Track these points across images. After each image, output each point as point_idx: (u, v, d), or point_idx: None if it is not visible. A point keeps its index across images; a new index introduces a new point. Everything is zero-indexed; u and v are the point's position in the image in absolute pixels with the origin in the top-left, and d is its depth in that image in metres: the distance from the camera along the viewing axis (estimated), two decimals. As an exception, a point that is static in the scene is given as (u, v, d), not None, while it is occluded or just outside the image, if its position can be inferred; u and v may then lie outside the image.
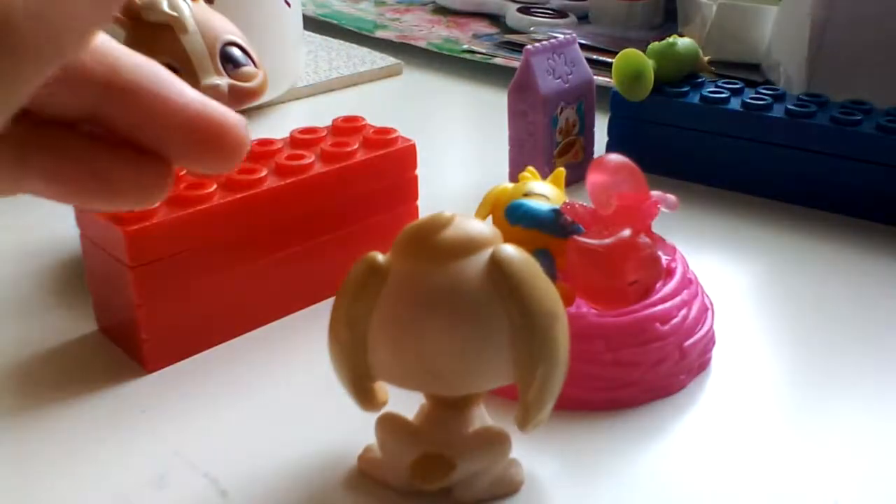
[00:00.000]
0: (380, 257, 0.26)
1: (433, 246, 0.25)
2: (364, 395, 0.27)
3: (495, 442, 0.28)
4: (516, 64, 0.52)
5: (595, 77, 0.51)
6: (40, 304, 0.40)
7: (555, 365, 0.25)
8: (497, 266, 0.25)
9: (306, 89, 0.67)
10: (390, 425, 0.28)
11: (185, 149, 0.19)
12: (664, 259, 0.35)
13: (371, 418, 0.29)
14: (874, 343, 0.37)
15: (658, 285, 0.34)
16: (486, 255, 0.25)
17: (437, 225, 0.25)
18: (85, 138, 0.19)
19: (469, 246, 0.25)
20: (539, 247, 0.33)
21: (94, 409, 0.33)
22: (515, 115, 0.49)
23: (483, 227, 0.26)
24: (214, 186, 0.36)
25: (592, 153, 0.52)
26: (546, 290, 0.25)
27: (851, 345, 0.36)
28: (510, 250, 0.25)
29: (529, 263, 0.25)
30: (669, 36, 0.52)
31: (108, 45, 0.18)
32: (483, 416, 0.29)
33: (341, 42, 0.78)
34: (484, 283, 0.25)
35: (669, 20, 0.77)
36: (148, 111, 0.18)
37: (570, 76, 0.49)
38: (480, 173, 0.55)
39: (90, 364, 0.36)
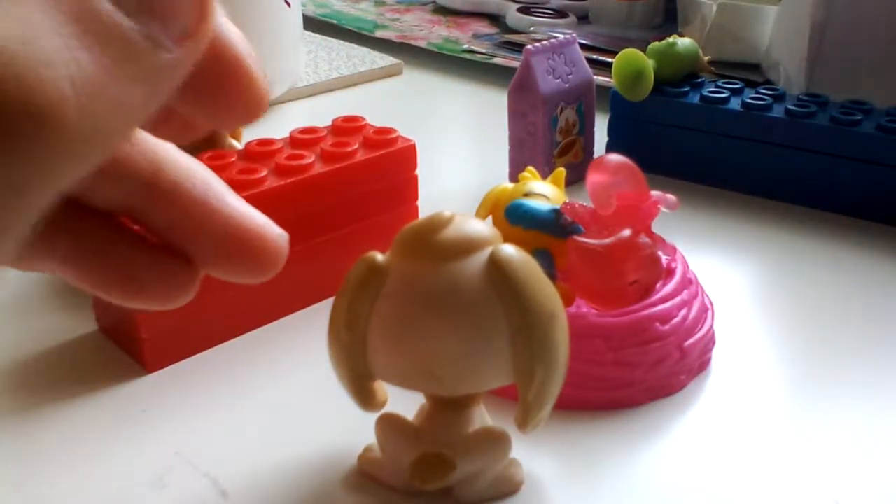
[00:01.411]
0: (379, 257, 0.26)
1: (432, 246, 0.25)
2: (364, 395, 0.27)
3: (495, 442, 0.28)
4: (516, 64, 0.52)
5: (595, 77, 0.51)
6: (40, 304, 0.40)
7: (554, 365, 0.25)
8: (496, 266, 0.25)
9: (306, 89, 0.67)
10: (390, 425, 0.28)
11: (218, 258, 0.18)
12: (664, 259, 0.35)
13: (371, 418, 0.29)
14: (874, 343, 0.37)
15: (658, 285, 0.34)
16: (485, 254, 0.25)
17: (436, 225, 0.25)
18: (116, 231, 0.18)
19: (468, 246, 0.25)
20: (539, 247, 0.33)
21: (94, 409, 0.33)
22: (515, 115, 0.49)
23: (482, 227, 0.26)
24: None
25: (592, 153, 0.52)
26: (545, 290, 0.25)
27: (851, 344, 0.36)
28: (509, 250, 0.25)
29: (528, 263, 0.25)
30: (669, 36, 0.52)
31: (153, 141, 0.18)
32: (483, 416, 0.29)
33: (341, 42, 0.78)
34: (483, 283, 0.25)
35: (669, 20, 0.77)
36: (185, 214, 0.18)
37: (570, 76, 0.49)
38: (480, 173, 0.55)
39: (90, 364, 0.36)
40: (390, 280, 0.25)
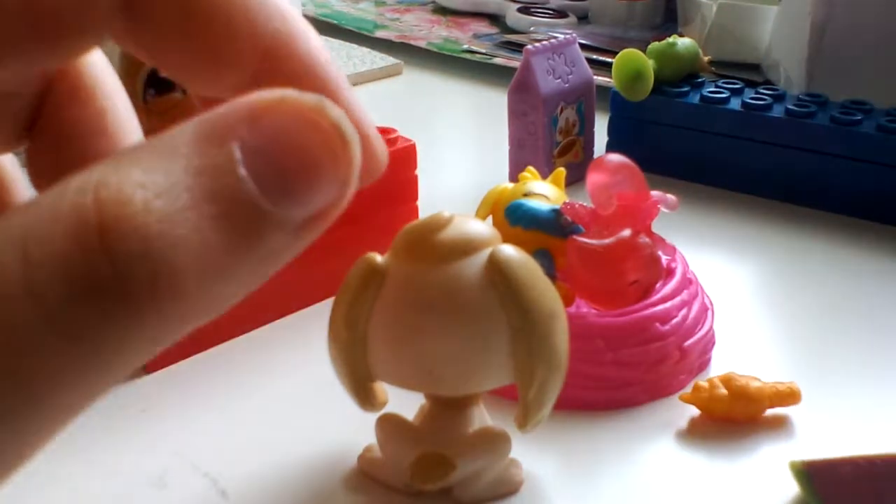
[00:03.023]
0: (378, 258, 0.26)
1: (431, 246, 0.25)
2: (364, 395, 0.27)
3: (495, 442, 0.28)
4: (516, 64, 0.52)
5: (595, 77, 0.51)
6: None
7: (554, 365, 0.25)
8: (495, 267, 0.25)
9: (306, 89, 0.67)
10: (390, 425, 0.28)
11: None
12: (664, 259, 0.35)
13: (371, 418, 0.29)
14: (874, 342, 0.37)
15: (658, 285, 0.34)
16: (484, 255, 0.25)
17: (435, 225, 0.25)
18: None
19: (468, 246, 0.25)
20: (539, 247, 0.33)
21: (94, 408, 0.33)
22: (515, 115, 0.49)
23: (482, 228, 0.26)
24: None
25: (592, 153, 0.52)
26: (545, 290, 0.25)
27: (851, 344, 0.36)
28: (509, 251, 0.25)
29: (528, 263, 0.25)
30: (669, 36, 0.52)
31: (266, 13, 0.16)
32: (483, 416, 0.29)
33: (341, 42, 0.78)
34: (483, 284, 0.25)
35: (669, 20, 0.77)
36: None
37: (570, 76, 0.49)
38: (480, 173, 0.55)
39: (90, 364, 0.36)
40: (389, 281, 0.25)
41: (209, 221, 0.12)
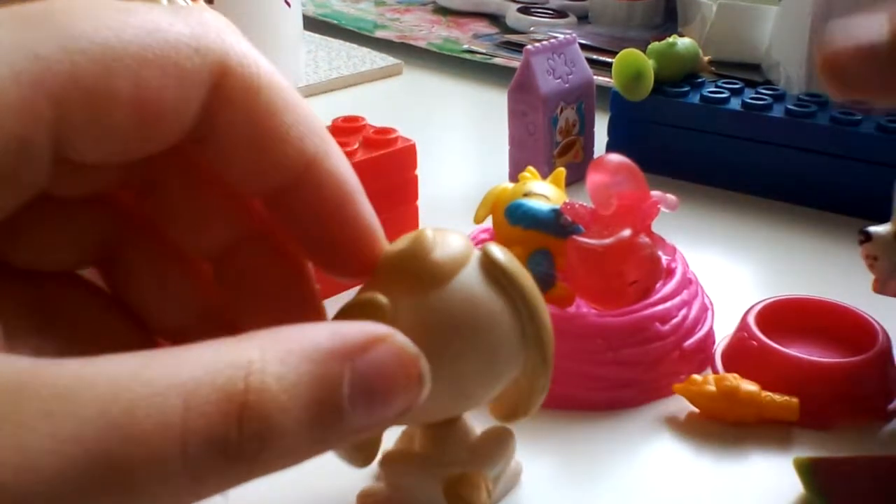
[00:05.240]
0: (381, 298, 0.23)
1: (432, 269, 0.23)
2: (369, 450, 0.26)
3: (505, 441, 0.27)
4: (516, 64, 0.52)
5: (595, 77, 0.51)
6: (40, 304, 0.40)
7: (550, 360, 0.25)
8: (500, 271, 0.24)
9: (306, 89, 0.67)
10: (398, 460, 0.27)
11: (341, 262, 0.23)
12: (664, 259, 0.35)
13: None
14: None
15: (658, 285, 0.34)
16: (472, 262, 0.24)
17: (428, 247, 0.24)
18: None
19: (460, 258, 0.24)
20: (539, 247, 0.33)
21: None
22: (515, 115, 0.49)
23: (456, 236, 0.25)
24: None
25: (592, 153, 0.52)
26: (533, 284, 0.25)
27: (851, 345, 0.36)
28: (498, 252, 0.24)
29: (516, 261, 0.25)
30: (669, 36, 0.52)
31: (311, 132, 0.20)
32: (468, 420, 0.28)
33: (341, 42, 0.78)
34: (488, 290, 0.24)
35: (669, 20, 0.77)
36: (334, 208, 0.22)
37: (570, 76, 0.49)
38: (480, 173, 0.55)
39: (90, 364, 0.35)
40: (401, 317, 0.23)
41: (306, 413, 0.16)
